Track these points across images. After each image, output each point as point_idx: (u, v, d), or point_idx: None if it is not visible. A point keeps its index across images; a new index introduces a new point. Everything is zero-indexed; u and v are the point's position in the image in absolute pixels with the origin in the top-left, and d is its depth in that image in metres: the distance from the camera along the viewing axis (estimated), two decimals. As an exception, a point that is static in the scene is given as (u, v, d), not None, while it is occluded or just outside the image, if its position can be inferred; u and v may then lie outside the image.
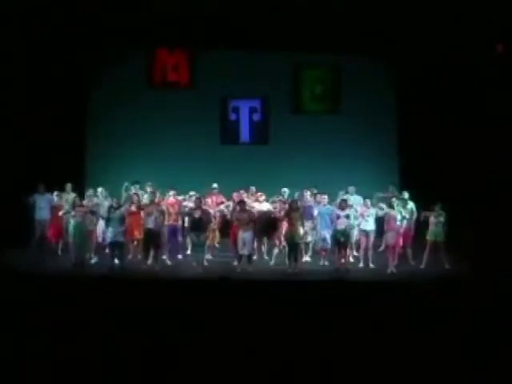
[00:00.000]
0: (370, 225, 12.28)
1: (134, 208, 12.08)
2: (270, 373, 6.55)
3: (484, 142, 14.02)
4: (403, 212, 12.01)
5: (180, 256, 12.73)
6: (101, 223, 12.24)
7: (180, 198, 12.78)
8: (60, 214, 12.43)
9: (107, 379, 6.46)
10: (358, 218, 12.25)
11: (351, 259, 12.56)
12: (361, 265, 12.35)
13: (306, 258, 12.71)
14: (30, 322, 7.84)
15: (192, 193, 12.62)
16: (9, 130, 14.23)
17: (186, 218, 12.29)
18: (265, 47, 15.17)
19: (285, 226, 12.07)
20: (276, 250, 12.49)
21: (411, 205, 12.66)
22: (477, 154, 14.15)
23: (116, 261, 11.80)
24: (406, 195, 12.77)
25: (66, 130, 14.91)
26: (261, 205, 12.52)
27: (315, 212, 12.36)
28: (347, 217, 11.82)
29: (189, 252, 12.63)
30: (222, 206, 12.82)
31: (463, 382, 6.53)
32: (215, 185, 13.20)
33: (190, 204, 12.28)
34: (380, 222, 12.26)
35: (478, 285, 10.37)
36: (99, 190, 12.87)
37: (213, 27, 14.59)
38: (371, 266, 12.25)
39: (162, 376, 6.53)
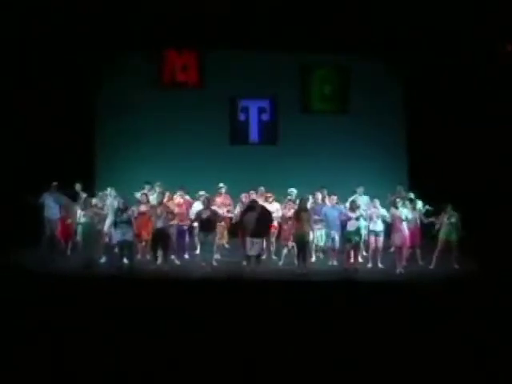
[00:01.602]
0: (378, 225, 12.24)
1: (142, 208, 12.12)
2: (276, 373, 6.57)
3: (494, 142, 13.97)
4: (408, 212, 12.00)
5: (187, 256, 12.77)
6: (108, 223, 12.18)
7: (188, 198, 12.83)
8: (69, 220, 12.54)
9: (117, 379, 6.49)
10: (366, 219, 12.25)
11: (360, 259, 12.56)
12: (369, 265, 12.35)
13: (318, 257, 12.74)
14: (39, 322, 7.88)
15: (202, 192, 12.64)
16: (19, 132, 14.31)
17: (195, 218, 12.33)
18: (273, 47, 15.13)
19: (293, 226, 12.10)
20: (285, 250, 12.50)
21: (419, 204, 12.64)
22: (487, 154, 14.10)
23: (125, 260, 11.85)
24: (411, 195, 12.76)
25: (75, 131, 14.95)
26: (270, 205, 12.54)
27: (321, 213, 12.38)
28: (358, 219, 11.85)
29: (198, 252, 12.64)
30: (226, 210, 12.75)
31: (470, 381, 6.53)
32: (221, 184, 13.17)
33: (199, 204, 12.31)
34: (388, 222, 12.24)
35: (486, 284, 10.35)
36: (108, 190, 12.91)
37: (221, 27, 14.59)
38: (380, 266, 12.26)
39: (168, 376, 6.55)
